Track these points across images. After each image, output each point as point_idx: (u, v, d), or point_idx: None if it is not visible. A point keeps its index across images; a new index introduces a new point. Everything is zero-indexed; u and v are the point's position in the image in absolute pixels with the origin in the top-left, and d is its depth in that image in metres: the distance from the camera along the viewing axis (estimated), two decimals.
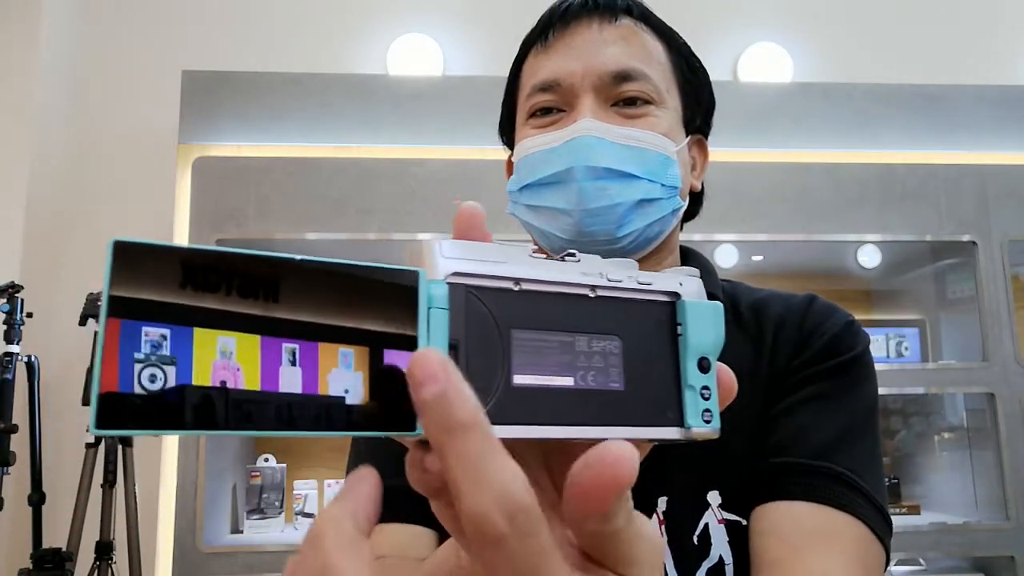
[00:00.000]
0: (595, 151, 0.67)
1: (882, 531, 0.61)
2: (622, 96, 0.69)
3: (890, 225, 2.45)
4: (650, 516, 0.64)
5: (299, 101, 2.40)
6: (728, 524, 0.64)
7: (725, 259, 2.65)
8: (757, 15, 3.09)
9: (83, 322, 2.17)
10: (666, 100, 0.72)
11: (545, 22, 0.73)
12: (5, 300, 2.16)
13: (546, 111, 0.71)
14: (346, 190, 2.29)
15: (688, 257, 0.81)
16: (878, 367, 0.74)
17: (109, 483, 2.12)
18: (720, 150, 2.92)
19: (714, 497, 0.65)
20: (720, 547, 0.64)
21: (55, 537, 2.16)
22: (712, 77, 0.82)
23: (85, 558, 2.11)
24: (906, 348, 2.55)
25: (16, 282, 2.20)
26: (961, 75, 2.90)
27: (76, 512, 2.09)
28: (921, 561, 2.34)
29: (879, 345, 2.55)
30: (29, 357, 2.22)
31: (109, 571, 2.12)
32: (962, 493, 2.46)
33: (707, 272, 0.78)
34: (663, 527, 0.65)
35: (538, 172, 0.70)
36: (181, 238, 2.28)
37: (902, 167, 2.48)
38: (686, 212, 0.80)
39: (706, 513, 0.65)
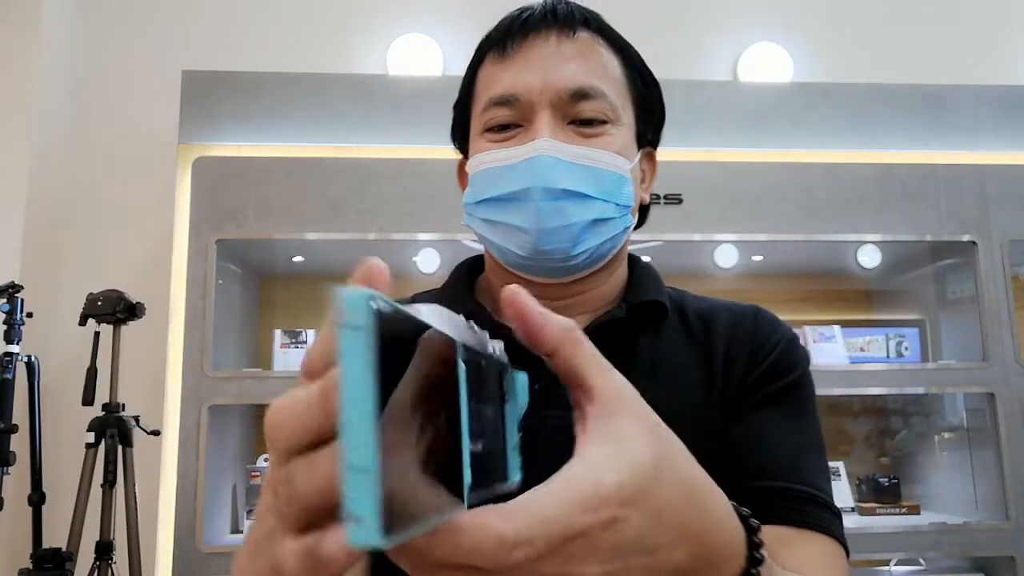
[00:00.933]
0: (553, 172, 0.68)
1: (846, 546, 0.69)
2: (579, 115, 0.70)
3: (890, 225, 2.45)
4: None
5: (299, 101, 2.40)
6: None
7: (725, 259, 2.65)
8: (757, 15, 3.09)
9: (83, 322, 2.17)
10: (621, 117, 0.73)
11: (503, 31, 0.73)
12: (5, 300, 2.16)
13: (504, 127, 0.71)
14: (346, 190, 2.29)
15: (635, 266, 0.83)
16: (878, 367, 0.76)
17: (109, 483, 2.12)
18: (720, 150, 2.91)
19: None
20: None
21: (55, 537, 2.16)
22: (712, 77, 0.83)
23: (85, 558, 2.11)
24: (906, 348, 2.55)
25: (16, 282, 2.20)
26: (961, 75, 2.90)
27: (76, 512, 2.09)
28: (921, 561, 2.34)
29: (879, 345, 2.55)
30: (29, 357, 2.22)
31: (109, 571, 2.12)
32: (962, 493, 2.46)
33: (654, 281, 0.80)
34: None
35: (495, 188, 0.70)
36: (181, 238, 2.27)
37: (902, 167, 2.48)
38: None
39: None
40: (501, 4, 0.79)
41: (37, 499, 2.16)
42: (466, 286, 0.79)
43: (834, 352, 2.48)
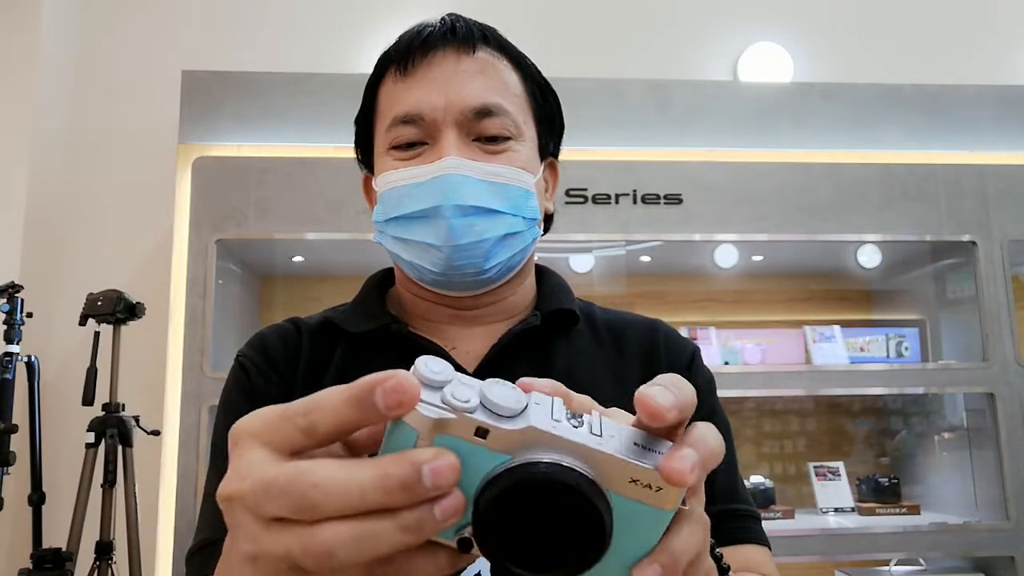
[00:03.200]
0: (461, 189, 0.69)
1: (767, 539, 0.75)
2: (483, 132, 0.71)
3: (890, 225, 2.45)
4: None
5: (299, 101, 2.40)
6: None
7: (725, 259, 2.65)
8: (757, 15, 3.09)
9: (83, 322, 2.17)
10: (524, 132, 0.74)
11: (404, 49, 0.74)
12: (5, 300, 2.16)
13: (410, 144, 0.72)
14: (346, 190, 2.29)
15: (544, 275, 0.84)
16: (878, 367, 0.78)
17: (109, 483, 2.12)
18: (720, 150, 2.91)
19: None
20: None
21: (55, 537, 2.16)
22: (712, 77, 0.83)
23: (85, 558, 2.11)
24: (906, 348, 2.55)
25: (16, 282, 2.20)
26: (961, 75, 2.90)
27: (76, 512, 2.09)
28: (921, 561, 2.33)
29: (879, 345, 2.55)
30: (29, 357, 2.22)
31: (109, 571, 2.12)
32: (962, 493, 2.46)
33: (564, 291, 0.81)
34: None
35: (404, 206, 0.71)
36: (181, 238, 2.27)
37: (902, 167, 2.48)
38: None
39: None
40: (501, 4, 0.79)
41: (37, 499, 2.16)
42: (377, 299, 0.80)
43: (834, 352, 2.48)
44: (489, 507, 0.31)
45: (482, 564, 0.65)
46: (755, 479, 2.49)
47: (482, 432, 0.31)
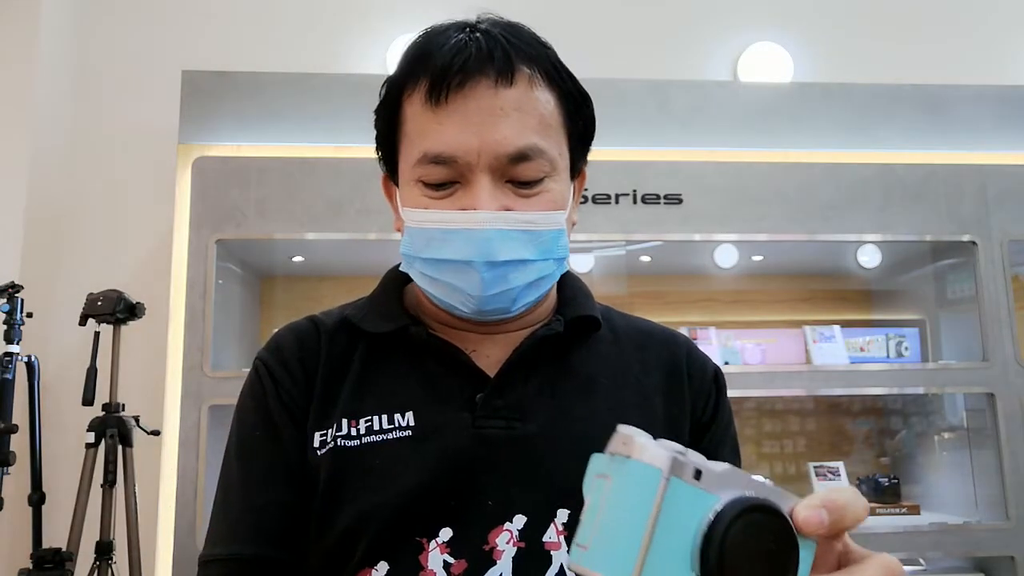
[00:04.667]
0: (494, 244, 0.67)
1: None
2: (519, 178, 0.69)
3: (890, 225, 2.45)
4: (547, 527, 0.68)
5: (299, 101, 2.40)
6: None
7: (725, 259, 2.65)
8: (757, 15, 3.09)
9: (83, 322, 2.17)
10: (558, 166, 0.71)
11: (439, 74, 0.68)
12: (5, 300, 2.16)
13: (440, 185, 0.69)
14: (346, 190, 2.29)
15: (565, 279, 0.81)
16: (878, 367, 0.77)
17: (109, 483, 2.12)
18: (720, 150, 2.91)
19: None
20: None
21: (55, 537, 2.16)
22: (712, 77, 0.83)
23: (85, 558, 2.11)
24: (906, 348, 2.55)
25: (16, 282, 2.20)
26: (961, 75, 2.90)
27: (76, 512, 2.09)
28: (921, 561, 2.33)
29: (879, 345, 2.55)
30: (29, 357, 2.21)
31: (109, 571, 2.12)
32: (962, 493, 2.46)
33: (586, 296, 0.80)
34: (563, 537, 0.68)
35: (435, 250, 0.70)
36: (181, 238, 2.27)
37: (902, 167, 2.48)
38: None
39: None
40: (501, 3, 0.79)
41: (37, 499, 2.16)
42: (395, 297, 0.79)
43: (834, 352, 2.48)
44: (725, 536, 0.36)
45: (503, 567, 0.65)
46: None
47: (698, 473, 0.36)
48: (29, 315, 2.22)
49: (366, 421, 0.70)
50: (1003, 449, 2.31)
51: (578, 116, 0.75)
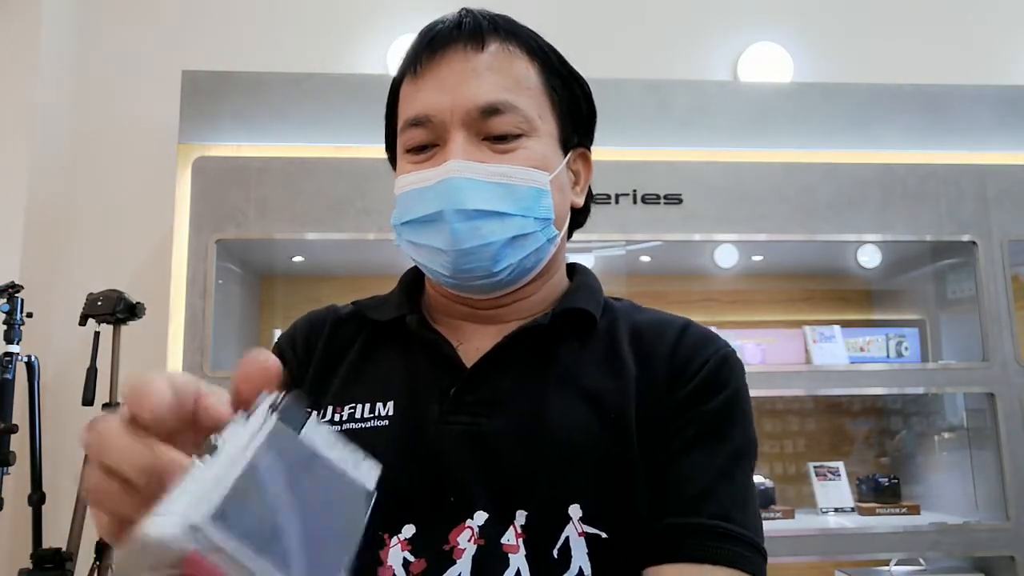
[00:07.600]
0: (464, 192, 0.68)
1: (759, 569, 0.65)
2: (492, 132, 0.70)
3: (890, 225, 2.45)
4: (507, 528, 0.65)
5: (299, 101, 2.40)
6: (588, 537, 0.64)
7: (725, 259, 2.65)
8: (757, 15, 3.09)
9: (83, 322, 2.17)
10: (539, 127, 0.72)
11: (416, 49, 0.73)
12: (5, 300, 2.16)
13: (422, 147, 0.72)
14: (346, 190, 2.29)
15: (574, 273, 0.82)
16: (878, 367, 0.75)
17: None
18: (720, 150, 2.90)
19: (575, 511, 0.65)
20: (580, 560, 0.64)
21: (55, 537, 2.16)
22: (712, 77, 0.83)
23: (85, 558, 2.11)
24: (906, 348, 2.55)
25: (16, 282, 2.20)
26: (961, 75, 2.90)
27: (76, 512, 2.09)
28: (921, 561, 2.34)
29: (879, 345, 2.55)
30: (29, 357, 2.21)
31: (109, 571, 2.12)
32: (962, 493, 2.46)
33: (588, 290, 0.78)
34: (521, 540, 0.65)
35: (413, 211, 0.71)
36: (181, 238, 2.27)
37: (902, 167, 2.48)
38: (572, 223, 0.80)
39: (567, 527, 0.65)
40: (500, 3, 0.79)
41: (37, 499, 2.16)
42: (405, 290, 0.80)
43: (834, 352, 2.48)
44: None
45: (463, 566, 0.64)
46: (755, 479, 2.49)
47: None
48: (29, 315, 2.22)
49: (350, 408, 0.71)
50: (1003, 449, 2.31)
51: (565, 90, 0.75)
